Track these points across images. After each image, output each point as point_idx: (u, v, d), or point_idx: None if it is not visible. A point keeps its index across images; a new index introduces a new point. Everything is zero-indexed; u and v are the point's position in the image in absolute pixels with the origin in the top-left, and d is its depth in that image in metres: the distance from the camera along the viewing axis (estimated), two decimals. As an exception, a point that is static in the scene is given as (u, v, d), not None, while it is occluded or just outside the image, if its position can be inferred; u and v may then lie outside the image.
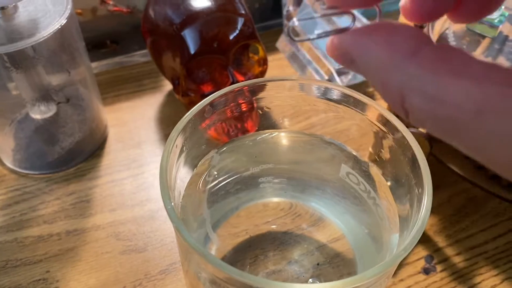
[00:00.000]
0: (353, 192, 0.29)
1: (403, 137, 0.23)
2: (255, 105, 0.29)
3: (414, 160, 0.22)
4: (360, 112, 0.25)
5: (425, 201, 0.20)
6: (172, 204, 0.19)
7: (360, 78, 0.48)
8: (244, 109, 0.28)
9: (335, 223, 0.32)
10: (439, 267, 0.35)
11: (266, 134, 0.29)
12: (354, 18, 0.17)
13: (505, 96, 0.12)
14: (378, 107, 0.24)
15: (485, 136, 0.12)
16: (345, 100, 0.26)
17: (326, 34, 0.16)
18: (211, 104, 0.25)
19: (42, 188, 0.40)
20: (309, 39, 0.17)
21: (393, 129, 0.24)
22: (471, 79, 0.12)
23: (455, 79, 0.13)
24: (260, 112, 0.28)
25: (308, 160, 0.31)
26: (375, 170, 0.28)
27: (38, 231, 0.37)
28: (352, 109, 0.26)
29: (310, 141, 0.30)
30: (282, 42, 0.53)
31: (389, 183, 0.27)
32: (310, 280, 0.30)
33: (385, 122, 0.25)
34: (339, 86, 0.26)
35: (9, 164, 0.41)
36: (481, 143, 0.12)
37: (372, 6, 0.16)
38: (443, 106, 0.13)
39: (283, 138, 0.30)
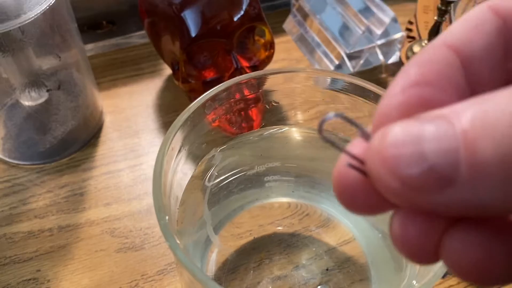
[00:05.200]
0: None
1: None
2: (261, 98, 0.26)
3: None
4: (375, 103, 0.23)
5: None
6: (167, 218, 0.17)
7: (372, 63, 0.45)
8: (251, 102, 0.26)
9: (345, 224, 0.30)
10: (455, 270, 0.33)
11: (275, 129, 0.27)
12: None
13: None
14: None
15: None
16: (361, 93, 0.23)
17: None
18: (212, 98, 0.22)
19: (33, 179, 0.37)
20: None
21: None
22: None
23: None
24: (268, 107, 0.25)
25: (319, 157, 0.28)
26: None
27: (29, 227, 0.35)
28: (367, 102, 0.23)
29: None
30: (290, 23, 0.50)
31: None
32: (319, 287, 0.28)
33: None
34: (357, 79, 0.23)
35: (-2, 153, 0.39)
36: None
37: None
38: None
39: (293, 133, 0.27)
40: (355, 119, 0.12)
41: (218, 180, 0.27)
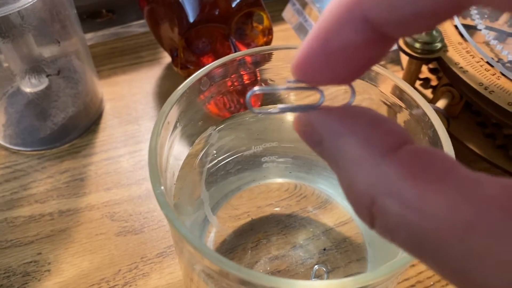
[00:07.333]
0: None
1: (424, 113, 0.20)
2: (258, 77, 0.26)
3: (436, 139, 0.19)
4: (374, 84, 0.23)
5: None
6: (162, 188, 0.17)
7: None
8: (247, 81, 0.26)
9: (342, 205, 0.30)
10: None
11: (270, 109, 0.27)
12: (322, 95, 0.15)
13: (503, 215, 0.10)
14: (394, 78, 0.22)
15: (473, 258, 0.10)
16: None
17: (291, 109, 0.14)
18: (208, 75, 0.22)
19: (34, 165, 0.38)
20: (271, 113, 0.16)
21: (411, 104, 0.21)
22: (459, 191, 0.10)
23: (440, 189, 0.11)
24: (264, 85, 0.25)
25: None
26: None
27: (30, 211, 0.35)
28: (364, 81, 0.24)
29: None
30: (288, 11, 0.50)
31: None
32: (316, 266, 0.28)
33: (401, 95, 0.22)
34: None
35: (-1, 140, 0.39)
36: (465, 265, 0.10)
37: (346, 84, 0.14)
38: (423, 217, 0.11)
39: (289, 114, 0.27)
40: (356, 103, 0.14)
41: (216, 160, 0.28)
